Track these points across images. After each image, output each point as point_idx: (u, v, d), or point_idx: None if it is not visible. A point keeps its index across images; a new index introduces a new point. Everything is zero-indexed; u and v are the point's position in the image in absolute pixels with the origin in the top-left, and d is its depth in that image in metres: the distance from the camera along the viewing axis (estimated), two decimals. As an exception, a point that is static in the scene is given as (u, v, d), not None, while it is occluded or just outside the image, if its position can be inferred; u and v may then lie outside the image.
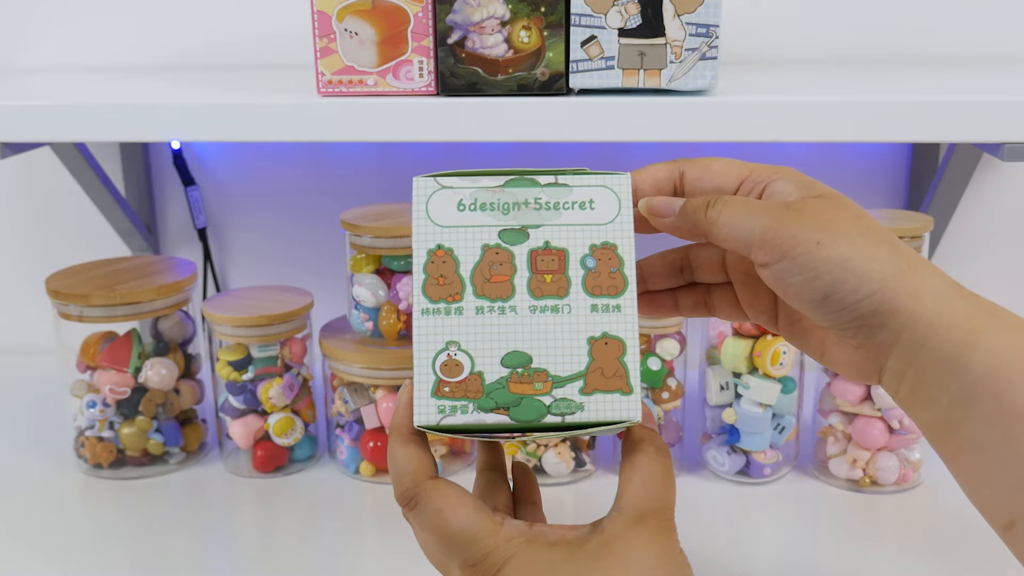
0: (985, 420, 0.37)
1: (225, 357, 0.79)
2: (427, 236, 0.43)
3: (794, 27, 0.93)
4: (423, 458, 0.42)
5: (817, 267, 0.38)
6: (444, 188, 0.45)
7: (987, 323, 0.38)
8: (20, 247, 1.07)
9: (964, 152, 0.86)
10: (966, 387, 0.37)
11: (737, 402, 0.77)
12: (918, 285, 0.38)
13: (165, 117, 0.64)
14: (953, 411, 0.38)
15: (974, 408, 0.37)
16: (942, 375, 0.38)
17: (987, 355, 0.37)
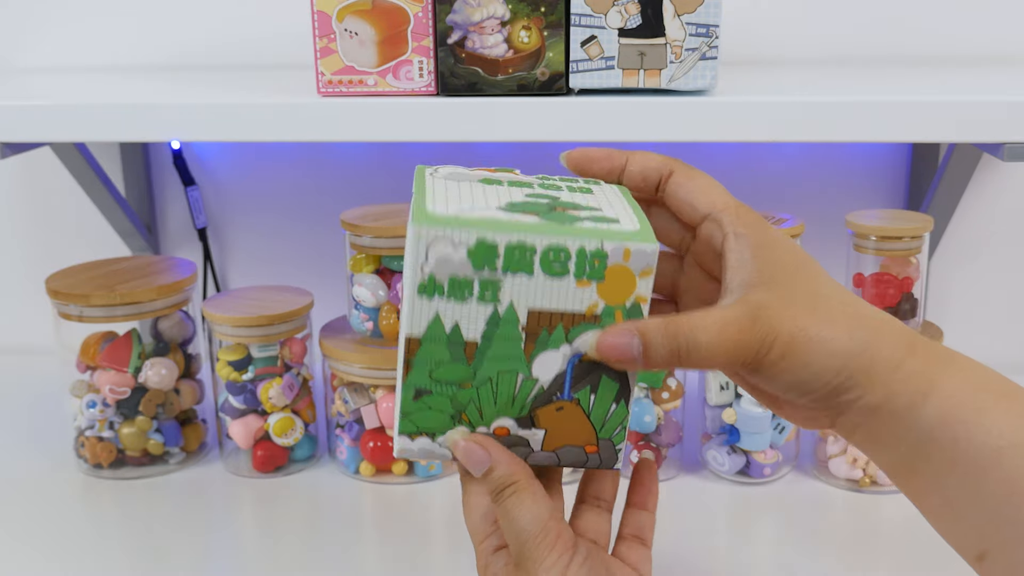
0: (946, 463, 0.39)
1: (225, 357, 0.79)
2: None
3: (794, 27, 0.94)
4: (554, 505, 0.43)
5: (779, 374, 0.40)
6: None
7: (939, 371, 0.39)
8: (20, 247, 1.07)
9: (964, 152, 0.86)
10: (922, 435, 0.39)
11: (737, 402, 0.77)
12: (873, 359, 0.39)
13: (165, 117, 0.64)
14: (912, 457, 0.40)
15: (933, 453, 0.39)
16: (897, 426, 0.39)
17: (940, 400, 0.38)
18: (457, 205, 0.38)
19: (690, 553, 0.69)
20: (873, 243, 0.77)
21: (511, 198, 0.39)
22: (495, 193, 0.40)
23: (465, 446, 0.41)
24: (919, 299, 0.79)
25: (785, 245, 0.42)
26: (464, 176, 0.42)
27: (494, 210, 0.38)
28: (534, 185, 0.42)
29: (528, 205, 0.39)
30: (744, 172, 0.98)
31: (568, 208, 0.39)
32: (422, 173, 0.41)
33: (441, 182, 0.40)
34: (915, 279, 0.78)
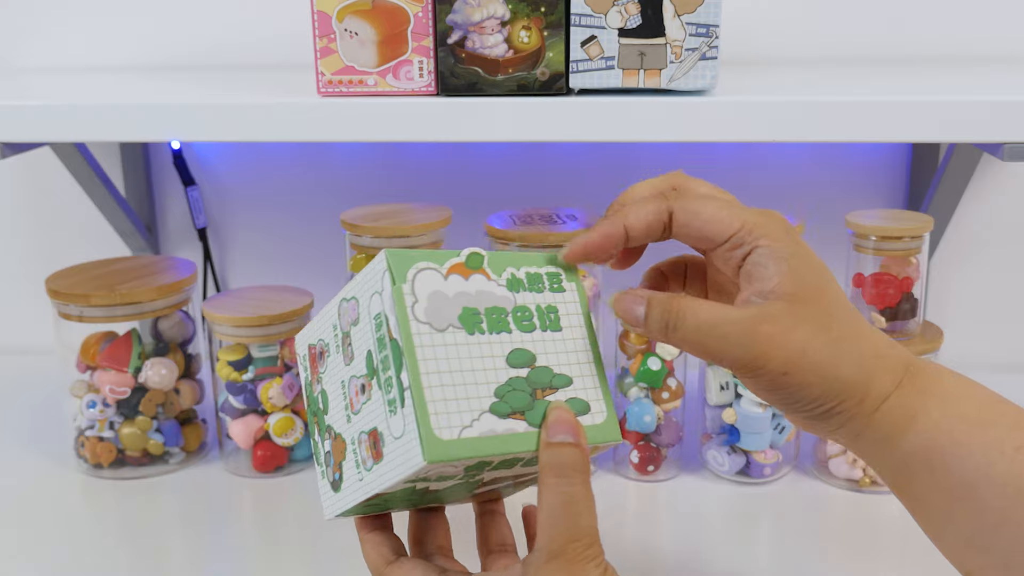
0: (924, 489, 0.41)
1: (225, 357, 0.79)
2: None
3: (794, 27, 0.94)
4: (379, 548, 0.46)
5: (777, 388, 0.41)
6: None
7: (923, 401, 0.41)
8: (20, 247, 1.07)
9: (964, 152, 0.86)
10: (901, 463, 0.41)
11: (737, 402, 0.77)
12: (867, 391, 0.41)
13: (165, 117, 0.64)
14: (895, 480, 0.42)
15: (913, 480, 0.41)
16: (880, 452, 0.42)
17: (920, 432, 0.40)
18: (456, 408, 0.39)
19: (690, 553, 0.68)
20: (873, 243, 0.77)
21: (498, 379, 0.41)
22: (483, 365, 0.40)
23: (554, 416, 0.41)
24: (919, 299, 0.79)
25: (809, 262, 0.41)
26: (443, 308, 0.41)
27: (488, 408, 0.40)
28: (511, 326, 0.42)
29: (515, 396, 0.41)
30: (744, 172, 0.98)
31: (547, 389, 0.42)
32: (401, 299, 0.40)
33: (427, 336, 0.40)
34: (915, 279, 0.78)
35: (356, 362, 0.42)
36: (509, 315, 0.42)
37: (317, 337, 0.46)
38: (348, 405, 0.43)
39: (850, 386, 0.40)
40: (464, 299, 0.41)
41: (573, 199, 0.99)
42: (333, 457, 0.45)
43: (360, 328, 0.42)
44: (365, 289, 0.42)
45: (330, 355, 0.45)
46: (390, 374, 0.40)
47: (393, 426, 0.40)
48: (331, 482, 0.46)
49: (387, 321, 0.40)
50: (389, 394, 0.40)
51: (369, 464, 0.42)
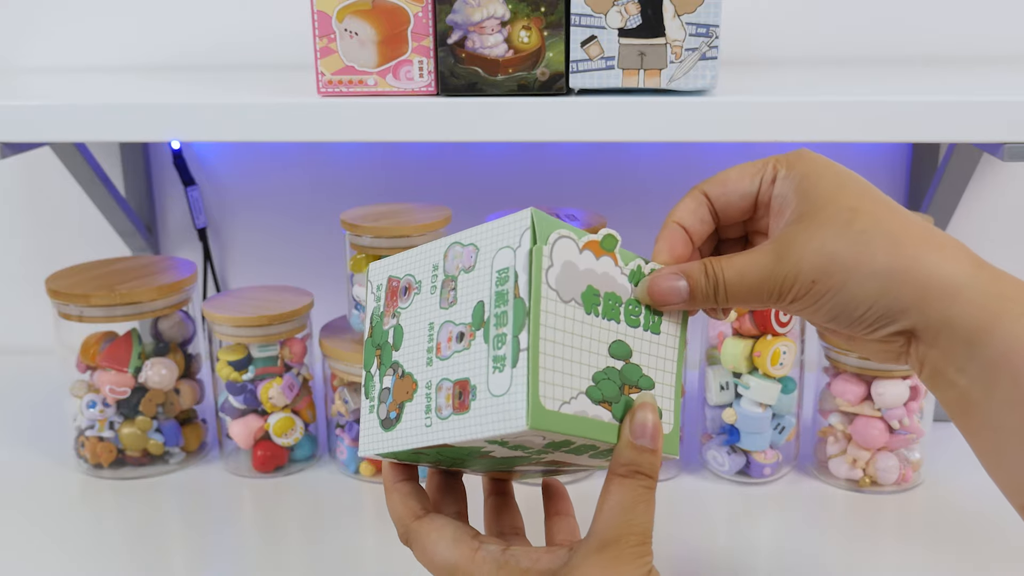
0: (1004, 402, 0.37)
1: (225, 357, 0.79)
2: None
3: (794, 27, 0.93)
4: (407, 500, 0.45)
5: (816, 301, 0.40)
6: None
7: (1004, 307, 0.38)
8: (20, 247, 1.07)
9: (964, 152, 0.86)
10: (985, 369, 0.38)
11: (737, 402, 0.77)
12: (922, 280, 0.38)
13: (165, 117, 0.64)
14: (972, 392, 0.39)
15: (993, 390, 0.38)
16: (961, 357, 0.38)
17: (1005, 339, 0.37)
18: (561, 381, 0.39)
19: (690, 553, 0.69)
20: (873, 243, 0.77)
21: (598, 364, 0.41)
22: (589, 347, 0.41)
23: (643, 417, 0.41)
24: (919, 299, 0.79)
25: (824, 171, 0.41)
26: (572, 281, 0.41)
27: (585, 390, 0.40)
28: (620, 316, 0.42)
29: (608, 385, 0.41)
30: (744, 172, 0.98)
31: (632, 387, 0.42)
32: (539, 260, 0.39)
33: (553, 303, 0.39)
34: (915, 279, 0.78)
35: (458, 308, 0.41)
36: (622, 305, 0.42)
37: (405, 271, 0.45)
38: (433, 348, 0.42)
39: (890, 275, 0.38)
40: (590, 277, 0.41)
41: (573, 199, 0.99)
42: (393, 395, 0.44)
43: (474, 276, 0.41)
44: (493, 240, 0.41)
45: (420, 293, 0.44)
46: (504, 330, 0.39)
47: (494, 383, 0.39)
48: (382, 419, 0.44)
49: (516, 278, 0.39)
50: (499, 350, 0.39)
51: (446, 413, 0.41)
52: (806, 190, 0.41)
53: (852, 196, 0.40)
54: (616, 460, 0.41)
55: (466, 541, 0.43)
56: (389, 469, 0.46)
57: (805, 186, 0.41)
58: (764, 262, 0.40)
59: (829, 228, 0.39)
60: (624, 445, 0.40)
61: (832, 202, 0.40)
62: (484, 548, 0.42)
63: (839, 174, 0.41)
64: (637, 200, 0.99)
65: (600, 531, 0.40)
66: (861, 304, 0.39)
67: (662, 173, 0.99)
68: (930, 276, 0.38)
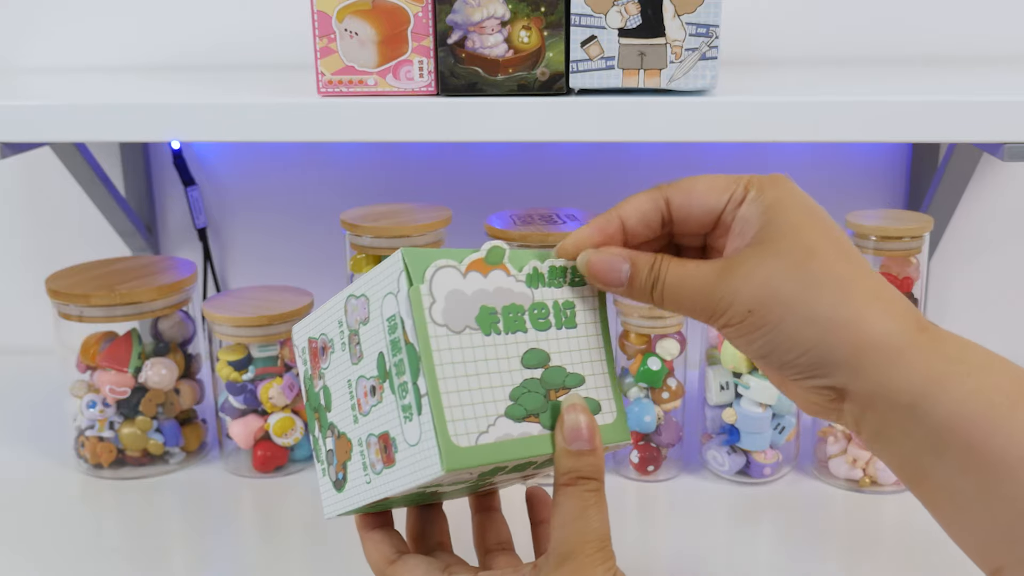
0: (958, 467, 0.36)
1: (225, 357, 0.79)
2: None
3: (794, 27, 0.93)
4: (380, 547, 0.46)
5: (749, 332, 0.38)
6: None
7: (948, 369, 0.36)
8: (20, 247, 1.07)
9: (964, 152, 0.86)
10: (932, 435, 0.36)
11: (737, 402, 0.77)
12: (862, 338, 0.36)
13: (165, 117, 0.64)
14: (921, 457, 0.37)
15: (944, 456, 0.36)
16: (903, 421, 0.37)
17: (950, 403, 0.36)
18: (472, 413, 0.39)
19: (690, 553, 0.68)
20: (873, 243, 0.77)
21: (513, 381, 0.40)
22: (498, 368, 0.40)
23: (571, 420, 0.40)
24: (919, 299, 0.79)
25: (799, 203, 0.39)
26: (461, 309, 0.40)
27: (503, 412, 0.39)
28: (526, 325, 0.41)
29: (529, 398, 0.40)
30: (744, 172, 0.98)
31: (559, 389, 0.41)
32: (419, 301, 0.39)
33: (444, 339, 0.39)
34: (915, 279, 0.78)
35: (365, 362, 0.42)
36: (526, 313, 0.41)
37: (319, 331, 0.45)
38: (355, 406, 0.43)
39: (829, 326, 0.36)
40: (482, 297, 0.40)
41: (573, 199, 0.99)
42: (336, 456, 0.45)
43: (370, 328, 0.41)
44: (377, 288, 0.41)
45: (334, 351, 0.44)
46: (405, 379, 0.39)
47: (408, 432, 0.39)
48: (333, 481, 0.45)
49: (403, 324, 0.39)
50: (404, 399, 0.39)
51: (379, 468, 0.41)
52: (770, 218, 0.39)
53: (813, 234, 0.38)
54: (557, 470, 0.40)
55: (436, 574, 0.43)
56: (359, 520, 0.47)
57: (771, 214, 0.39)
58: (706, 277, 0.39)
59: (780, 262, 0.37)
60: (560, 454, 0.40)
61: (791, 236, 0.38)
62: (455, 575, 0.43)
63: (807, 209, 0.39)
64: (637, 200, 0.99)
65: (558, 545, 0.40)
66: (794, 348, 0.37)
67: (662, 173, 0.99)
68: (870, 336, 0.36)
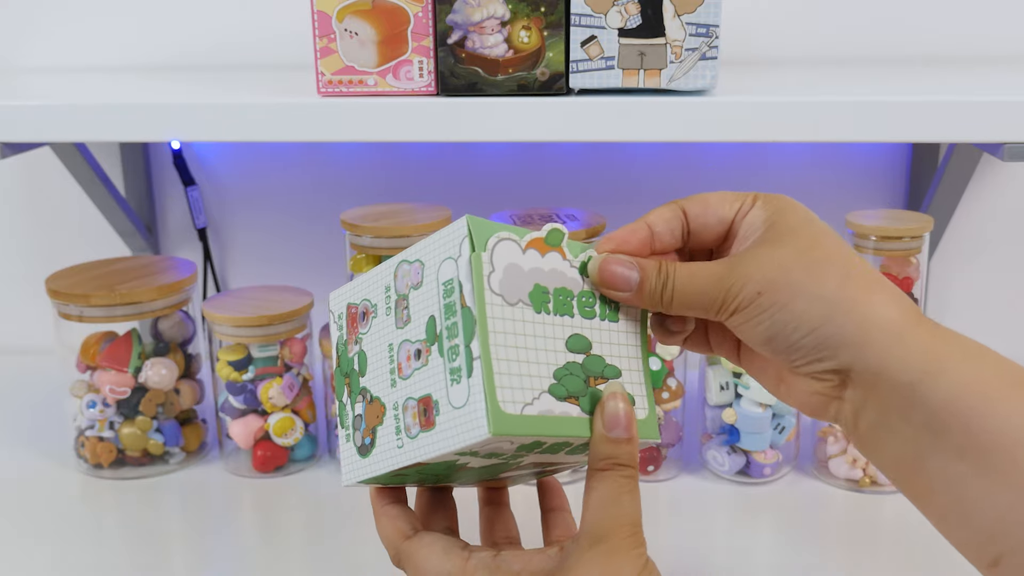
0: (955, 451, 0.36)
1: (225, 357, 0.79)
2: None
3: (794, 27, 0.94)
4: (396, 523, 0.46)
5: (758, 315, 0.39)
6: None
7: (946, 351, 0.37)
8: (20, 247, 1.07)
9: (964, 152, 0.86)
10: (930, 416, 0.36)
11: (737, 402, 0.77)
12: (867, 317, 0.38)
13: (165, 117, 0.64)
14: (919, 443, 0.37)
15: (942, 438, 0.36)
16: (904, 403, 0.37)
17: (950, 384, 0.36)
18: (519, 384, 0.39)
19: (690, 553, 0.68)
20: (873, 243, 0.77)
21: (557, 361, 0.41)
22: (544, 346, 0.40)
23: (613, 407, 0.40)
24: (919, 299, 0.79)
25: (803, 212, 0.41)
26: (517, 283, 0.40)
27: (547, 388, 0.40)
28: (574, 310, 0.42)
29: (571, 381, 0.41)
30: (744, 172, 0.98)
31: (598, 378, 0.42)
32: (480, 267, 0.39)
33: (499, 308, 0.39)
34: (915, 279, 0.78)
35: (413, 326, 0.41)
36: (574, 299, 0.42)
37: (361, 297, 0.45)
38: (395, 369, 0.42)
39: (836, 304, 0.38)
40: (537, 276, 0.41)
41: (573, 199, 0.99)
42: (365, 421, 0.44)
43: (423, 292, 0.41)
44: (435, 253, 0.41)
45: (377, 316, 0.44)
46: (456, 342, 0.39)
47: (454, 395, 0.39)
48: (358, 446, 0.45)
49: (460, 288, 0.39)
50: (453, 362, 0.39)
51: (414, 432, 0.41)
52: (775, 222, 0.41)
53: (815, 232, 0.40)
54: (594, 455, 0.41)
55: (456, 552, 0.43)
56: (375, 494, 0.47)
57: (775, 219, 0.41)
58: (716, 269, 0.40)
59: (787, 249, 0.39)
60: (599, 439, 0.40)
61: (795, 232, 0.40)
62: (475, 556, 0.42)
63: (810, 217, 0.41)
64: (637, 200, 0.99)
65: (591, 527, 0.40)
66: (802, 326, 0.38)
67: (662, 173, 0.99)
68: (874, 315, 0.38)
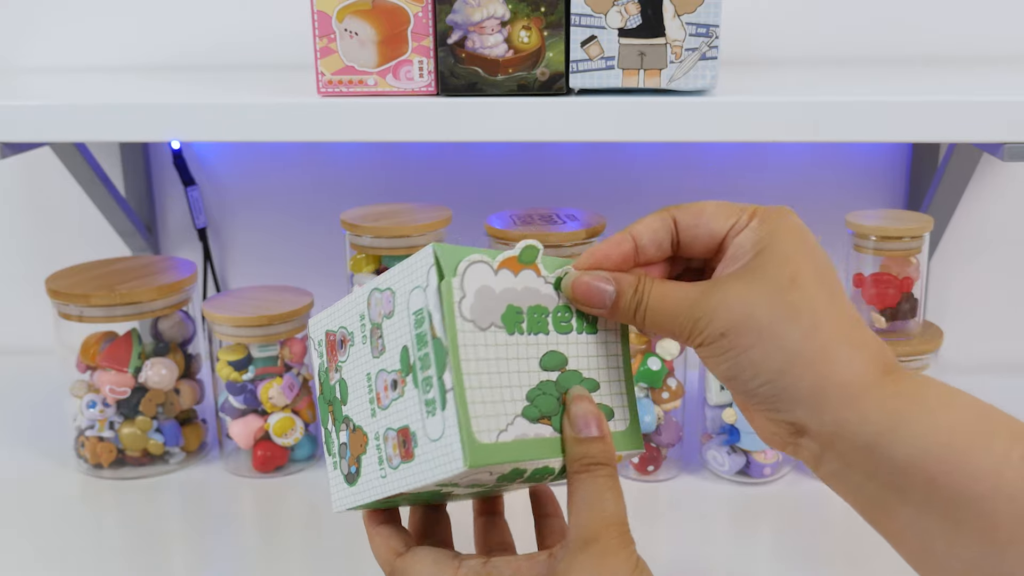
0: (922, 505, 0.36)
1: (225, 357, 0.79)
2: None
3: (794, 27, 0.94)
4: (388, 542, 0.46)
5: (720, 354, 0.39)
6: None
7: (909, 405, 0.37)
8: (20, 247, 1.07)
9: (964, 152, 0.86)
10: (895, 474, 0.36)
11: (737, 402, 0.77)
12: (824, 375, 0.37)
13: (165, 117, 0.64)
14: (885, 496, 0.37)
15: (908, 494, 0.36)
16: (864, 461, 0.37)
17: (913, 437, 0.36)
18: (493, 411, 0.39)
19: (690, 553, 0.68)
20: (873, 243, 0.77)
21: (530, 382, 0.40)
22: (518, 367, 0.40)
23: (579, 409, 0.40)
24: (919, 299, 0.79)
25: (796, 238, 0.40)
26: (489, 306, 0.40)
27: (520, 412, 0.40)
28: (548, 327, 0.41)
29: (544, 400, 0.41)
30: (744, 172, 0.98)
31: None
32: (449, 294, 0.38)
33: (470, 335, 0.39)
34: (915, 279, 0.78)
35: (388, 356, 0.41)
36: (549, 315, 0.41)
37: (338, 324, 0.45)
38: (374, 399, 0.42)
39: (803, 359, 0.37)
40: (510, 296, 0.40)
41: (573, 199, 0.99)
42: (350, 450, 0.44)
43: (395, 322, 0.41)
44: (404, 282, 0.41)
45: (354, 345, 0.44)
46: (429, 373, 0.39)
47: (430, 427, 0.39)
48: (345, 475, 0.45)
49: (429, 318, 0.39)
50: (427, 394, 0.39)
51: (396, 463, 0.41)
52: (764, 247, 0.40)
53: (800, 267, 0.39)
54: (570, 458, 0.40)
55: (446, 562, 0.43)
56: (367, 516, 0.47)
57: (765, 243, 0.40)
58: (688, 296, 0.40)
59: (761, 288, 0.38)
60: (571, 442, 0.40)
61: (778, 266, 0.39)
62: (465, 564, 0.42)
63: (801, 241, 0.40)
64: (636, 200, 0.99)
65: (578, 530, 0.40)
66: (759, 375, 0.38)
67: (662, 173, 0.99)
68: (833, 374, 0.37)
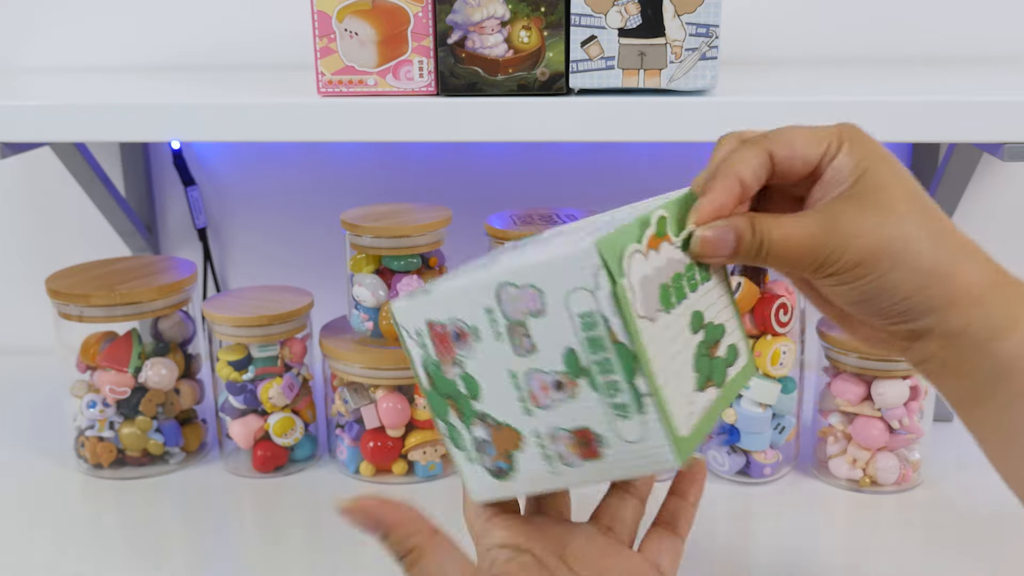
0: (1014, 397, 0.39)
1: (225, 357, 0.79)
2: None
3: (794, 27, 0.94)
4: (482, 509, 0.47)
5: (853, 281, 0.40)
6: None
7: (1020, 313, 0.40)
8: (20, 247, 1.07)
9: (964, 152, 0.86)
10: (997, 367, 0.39)
11: (737, 402, 0.77)
12: (957, 285, 0.39)
13: (165, 117, 0.64)
14: (982, 388, 0.40)
15: (1003, 386, 0.40)
16: (975, 356, 0.40)
17: (1021, 339, 0.39)
18: (683, 400, 0.39)
19: (690, 553, 0.68)
20: (873, 243, 0.77)
21: (690, 350, 0.40)
22: (681, 344, 0.40)
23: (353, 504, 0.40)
24: (919, 299, 0.79)
25: (888, 159, 0.42)
26: (650, 293, 0.38)
27: (695, 387, 0.40)
28: (685, 290, 0.41)
29: (703, 364, 0.41)
30: (744, 172, 0.98)
31: (713, 345, 0.42)
32: (627, 300, 0.37)
33: (647, 332, 0.37)
34: (915, 279, 0.78)
35: (541, 356, 0.39)
36: (684, 279, 0.41)
37: (448, 315, 0.41)
38: (526, 398, 0.40)
39: (934, 274, 0.39)
40: (660, 276, 0.39)
41: (573, 199, 0.99)
42: (496, 446, 0.43)
43: (549, 321, 0.38)
44: (557, 281, 0.37)
45: (481, 340, 0.41)
46: (614, 378, 0.37)
47: (624, 430, 0.38)
48: (492, 470, 0.43)
49: (606, 322, 0.37)
50: (615, 398, 0.38)
51: (573, 460, 0.40)
52: (865, 170, 0.41)
53: (905, 189, 0.41)
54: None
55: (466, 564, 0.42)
56: (489, 509, 0.46)
57: (864, 166, 0.41)
58: (813, 231, 0.40)
59: (882, 215, 0.40)
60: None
61: (888, 190, 0.40)
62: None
63: (896, 165, 0.42)
64: (636, 200, 0.99)
65: None
66: (896, 294, 0.40)
67: (662, 173, 0.99)
68: (961, 282, 0.39)
